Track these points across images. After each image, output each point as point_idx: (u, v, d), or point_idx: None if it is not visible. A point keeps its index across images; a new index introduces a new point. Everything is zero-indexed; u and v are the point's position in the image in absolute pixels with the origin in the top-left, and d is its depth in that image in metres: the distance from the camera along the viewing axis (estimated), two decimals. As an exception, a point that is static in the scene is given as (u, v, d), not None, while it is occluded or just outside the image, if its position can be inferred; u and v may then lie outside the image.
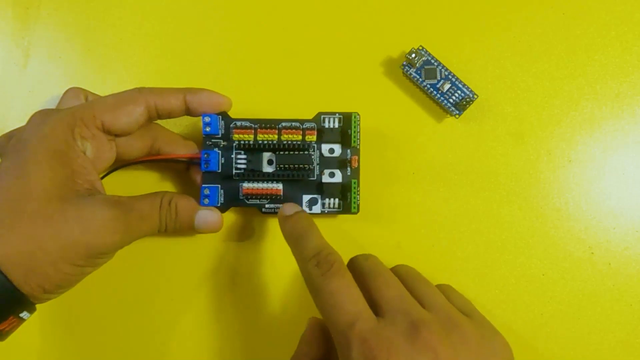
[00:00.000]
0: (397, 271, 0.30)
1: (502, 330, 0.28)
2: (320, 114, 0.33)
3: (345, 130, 0.33)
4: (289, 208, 0.31)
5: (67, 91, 0.34)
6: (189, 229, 0.32)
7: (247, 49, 0.38)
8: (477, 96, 0.36)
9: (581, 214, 0.36)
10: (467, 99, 0.36)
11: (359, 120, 0.32)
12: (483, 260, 0.36)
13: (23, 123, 0.31)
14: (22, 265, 0.27)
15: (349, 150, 0.33)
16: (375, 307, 0.27)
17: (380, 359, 0.24)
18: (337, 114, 0.33)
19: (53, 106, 0.33)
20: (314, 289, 0.27)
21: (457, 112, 0.36)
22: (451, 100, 0.36)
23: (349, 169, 0.33)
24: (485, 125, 0.37)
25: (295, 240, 0.29)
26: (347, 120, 0.33)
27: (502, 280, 0.36)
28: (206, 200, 0.32)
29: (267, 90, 0.38)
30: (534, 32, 0.38)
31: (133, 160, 0.34)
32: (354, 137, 0.32)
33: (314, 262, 0.27)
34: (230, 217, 0.36)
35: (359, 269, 0.29)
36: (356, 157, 0.33)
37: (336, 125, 0.33)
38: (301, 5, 0.39)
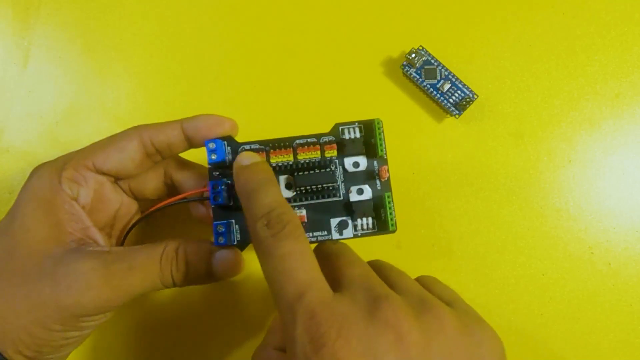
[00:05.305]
0: (370, 264, 0.27)
1: (501, 330, 0.28)
2: (338, 125, 0.29)
3: (368, 140, 0.29)
4: (246, 158, 0.27)
5: None
6: (206, 277, 0.28)
7: (246, 48, 0.38)
8: (477, 96, 0.36)
9: (581, 214, 0.36)
10: (467, 99, 0.36)
11: (382, 127, 0.29)
12: (483, 260, 0.36)
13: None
14: None
15: (375, 161, 0.29)
16: (335, 285, 0.23)
17: (328, 339, 0.19)
18: (356, 123, 0.29)
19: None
20: (262, 253, 0.23)
21: (457, 112, 0.36)
22: (451, 100, 0.36)
23: (378, 182, 0.29)
24: (485, 125, 0.37)
25: (248, 195, 0.25)
26: (369, 128, 0.29)
27: (502, 280, 0.36)
28: (221, 239, 0.28)
29: (266, 94, 0.38)
30: (534, 32, 0.38)
31: (148, 198, 0.32)
32: (380, 145, 0.28)
33: (264, 221, 0.23)
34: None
35: (324, 252, 0.26)
36: (385, 167, 0.29)
37: (357, 135, 0.29)
38: (300, 7, 0.39)
